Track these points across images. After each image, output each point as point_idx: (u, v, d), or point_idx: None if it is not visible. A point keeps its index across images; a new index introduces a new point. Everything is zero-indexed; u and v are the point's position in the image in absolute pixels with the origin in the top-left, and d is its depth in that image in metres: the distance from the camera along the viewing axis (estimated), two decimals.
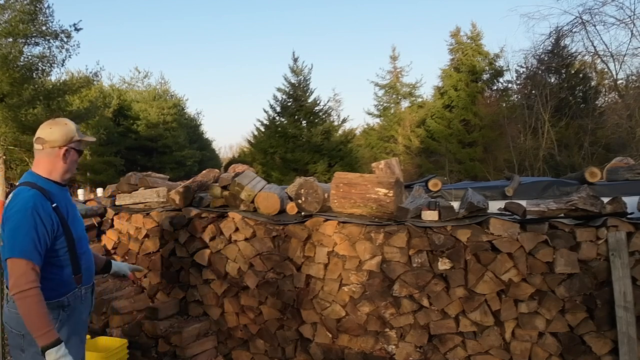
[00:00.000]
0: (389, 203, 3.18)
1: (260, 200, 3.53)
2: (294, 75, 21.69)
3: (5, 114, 15.98)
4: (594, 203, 2.83)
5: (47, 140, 1.98)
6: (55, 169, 2.00)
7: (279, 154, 20.87)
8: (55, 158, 1.99)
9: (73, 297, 2.00)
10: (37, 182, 1.94)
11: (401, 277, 3.06)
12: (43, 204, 1.87)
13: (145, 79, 32.52)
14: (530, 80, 21.15)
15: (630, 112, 15.26)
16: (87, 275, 2.08)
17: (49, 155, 1.98)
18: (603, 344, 2.74)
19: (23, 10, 16.42)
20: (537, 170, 18.21)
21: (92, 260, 2.17)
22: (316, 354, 3.30)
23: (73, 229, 1.99)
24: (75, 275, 2.00)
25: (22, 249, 1.79)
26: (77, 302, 2.02)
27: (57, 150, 1.99)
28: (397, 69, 29.45)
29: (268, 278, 3.45)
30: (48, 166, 1.99)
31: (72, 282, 1.99)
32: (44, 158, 1.99)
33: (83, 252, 2.05)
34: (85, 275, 2.06)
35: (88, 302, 2.12)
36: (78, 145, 2.06)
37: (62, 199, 2.01)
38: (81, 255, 2.03)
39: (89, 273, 2.10)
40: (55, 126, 2.00)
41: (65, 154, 2.01)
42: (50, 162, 1.99)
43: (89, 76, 20.09)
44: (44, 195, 1.90)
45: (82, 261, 2.03)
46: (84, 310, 2.10)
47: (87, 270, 2.08)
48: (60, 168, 2.01)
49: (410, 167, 24.17)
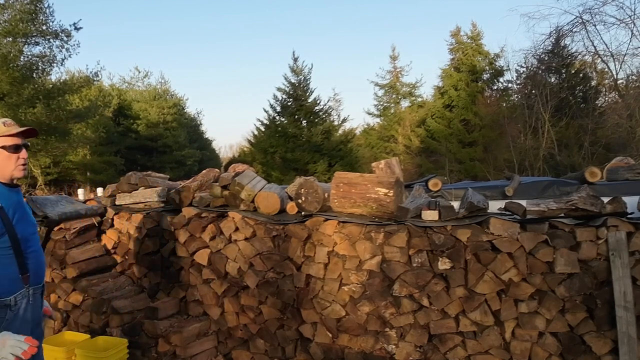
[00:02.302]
0: (389, 203, 3.18)
1: (260, 199, 3.53)
2: (294, 75, 21.67)
3: (5, 113, 15.96)
4: (594, 203, 2.83)
5: None
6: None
7: (279, 154, 20.86)
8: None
9: (21, 297, 2.00)
10: None
11: (401, 276, 3.06)
12: None
13: (145, 79, 32.53)
14: (530, 80, 21.14)
15: (631, 112, 15.25)
16: (36, 276, 2.07)
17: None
18: (603, 343, 2.74)
19: (23, 10, 16.43)
20: (537, 170, 18.20)
21: (42, 262, 2.17)
22: (316, 353, 3.31)
23: (19, 229, 2.00)
24: (22, 275, 2.00)
25: None
26: (26, 302, 2.02)
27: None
28: (397, 69, 29.45)
29: (268, 278, 3.45)
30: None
31: (19, 281, 2.00)
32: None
33: (30, 252, 2.04)
34: (34, 275, 2.06)
35: (38, 303, 2.12)
36: (3, 144, 2.03)
37: (11, 200, 2.03)
38: (28, 255, 2.03)
39: (37, 274, 2.09)
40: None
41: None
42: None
43: (89, 76, 20.09)
44: None
45: (29, 261, 2.03)
46: (33, 311, 2.08)
47: (36, 270, 2.08)
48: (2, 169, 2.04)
49: (410, 167, 24.16)
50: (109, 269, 4.21)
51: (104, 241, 4.31)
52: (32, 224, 2.16)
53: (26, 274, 2.01)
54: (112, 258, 4.25)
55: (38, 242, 2.16)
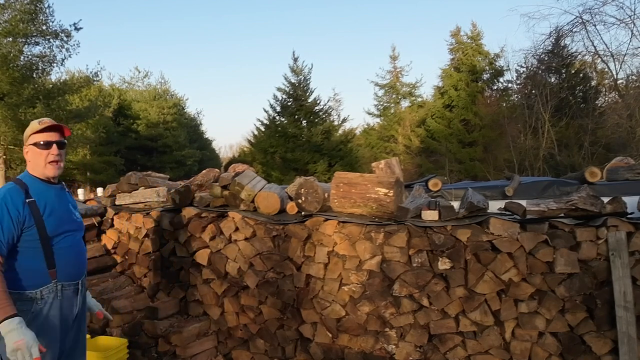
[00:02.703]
0: (389, 203, 3.18)
1: (260, 199, 3.53)
2: (294, 75, 21.70)
3: (5, 113, 15.98)
4: (594, 203, 2.83)
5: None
6: (31, 167, 2.11)
7: (279, 154, 20.87)
8: (26, 157, 2.14)
9: (48, 292, 2.01)
10: (22, 178, 2.09)
11: (401, 276, 3.06)
12: (14, 196, 1.99)
13: (145, 79, 32.56)
14: (530, 80, 21.15)
15: (631, 111, 15.26)
16: (67, 272, 2.07)
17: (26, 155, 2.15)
18: (603, 343, 2.74)
19: (23, 10, 16.43)
20: (537, 170, 18.20)
21: (79, 260, 2.17)
22: (316, 353, 3.31)
23: (49, 224, 2.02)
24: (50, 270, 2.01)
25: None
26: (53, 297, 2.02)
27: (24, 149, 2.15)
28: (397, 69, 29.46)
29: (268, 278, 3.45)
30: (29, 164, 2.13)
31: (47, 275, 2.00)
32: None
33: (61, 248, 2.05)
34: (63, 272, 2.05)
35: (70, 300, 2.10)
36: (34, 141, 2.08)
37: (45, 195, 2.06)
38: (57, 251, 2.04)
39: (69, 270, 2.08)
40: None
41: (27, 152, 2.12)
42: (28, 160, 2.14)
43: (89, 76, 20.11)
44: (20, 189, 2.02)
45: (57, 256, 2.03)
46: (63, 307, 2.07)
47: (66, 267, 2.07)
48: (32, 165, 2.10)
49: (410, 167, 24.16)
50: (109, 269, 4.21)
51: (104, 241, 4.31)
52: (71, 221, 2.15)
53: (53, 268, 2.01)
54: (112, 258, 4.25)
55: (76, 241, 2.16)
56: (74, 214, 2.21)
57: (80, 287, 2.17)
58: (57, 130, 2.12)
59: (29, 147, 2.10)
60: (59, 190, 2.16)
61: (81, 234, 2.23)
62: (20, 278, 1.98)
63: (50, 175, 2.09)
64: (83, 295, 2.22)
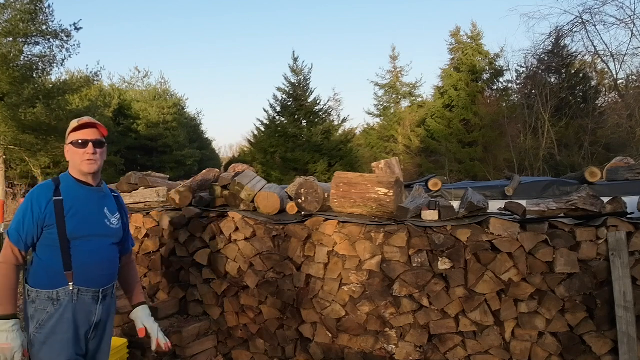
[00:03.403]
0: (389, 203, 3.18)
1: (260, 199, 3.53)
2: (294, 75, 21.68)
3: (5, 113, 15.97)
4: (594, 203, 2.83)
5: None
6: (70, 166, 2.09)
7: (279, 154, 20.86)
8: (66, 156, 2.11)
9: (64, 294, 1.96)
10: (60, 176, 2.09)
11: (401, 276, 3.06)
12: (41, 193, 1.98)
13: (145, 79, 32.55)
14: (530, 80, 21.15)
15: (631, 112, 15.26)
16: (85, 277, 1.99)
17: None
18: (603, 343, 2.74)
19: (23, 10, 16.42)
20: (537, 170, 18.20)
21: (104, 266, 2.07)
22: (316, 353, 3.30)
23: (71, 225, 1.96)
24: (66, 272, 1.95)
25: (10, 228, 1.97)
26: (69, 301, 1.96)
27: (65, 149, 2.13)
28: (397, 69, 29.47)
29: (268, 278, 3.45)
30: (69, 163, 2.10)
31: (63, 277, 1.96)
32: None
33: (81, 251, 1.98)
34: (81, 275, 1.98)
35: (87, 307, 2.01)
36: (72, 139, 2.06)
37: (75, 195, 2.02)
38: (77, 253, 1.97)
39: (88, 275, 2.00)
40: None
41: (67, 151, 2.10)
42: (67, 159, 2.11)
43: (89, 76, 20.09)
44: (53, 186, 2.01)
45: (75, 259, 1.97)
46: (77, 312, 1.98)
47: (85, 271, 1.99)
48: (71, 164, 2.08)
49: (410, 167, 24.16)
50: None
51: None
52: (100, 226, 2.07)
53: (69, 271, 1.96)
54: None
55: (103, 247, 2.07)
56: (108, 219, 2.11)
57: (101, 295, 2.05)
58: (95, 129, 2.09)
59: (68, 146, 2.07)
60: (94, 193, 2.09)
61: (111, 240, 2.12)
62: (40, 276, 1.97)
63: (85, 170, 2.04)
64: (107, 305, 2.11)
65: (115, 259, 2.16)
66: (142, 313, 2.29)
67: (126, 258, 2.35)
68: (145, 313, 2.29)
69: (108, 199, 2.17)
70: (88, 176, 2.06)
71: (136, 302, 2.32)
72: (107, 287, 2.10)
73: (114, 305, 2.21)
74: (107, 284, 2.09)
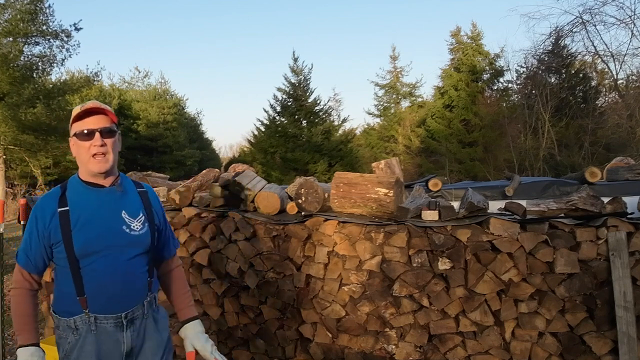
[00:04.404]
0: (389, 203, 3.17)
1: (260, 199, 3.53)
2: (294, 75, 21.68)
3: (5, 113, 15.99)
4: (594, 203, 2.83)
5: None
6: (78, 164, 1.72)
7: (279, 154, 20.86)
8: (72, 152, 1.74)
9: (81, 323, 1.65)
10: (68, 180, 1.75)
11: (401, 276, 3.06)
12: (45, 205, 1.67)
13: (145, 79, 32.62)
14: (530, 80, 21.15)
15: (631, 112, 15.26)
16: (101, 303, 1.64)
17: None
18: (603, 343, 2.74)
19: (23, 10, 16.44)
20: (537, 170, 18.20)
21: (124, 286, 1.68)
22: (316, 353, 3.30)
23: (77, 241, 1.61)
24: (79, 297, 1.63)
25: (19, 248, 1.72)
26: (87, 330, 1.64)
27: (70, 143, 1.74)
28: (397, 69, 29.49)
29: (268, 278, 3.45)
30: (77, 161, 1.71)
31: (78, 304, 1.64)
32: None
33: (94, 270, 1.63)
34: (96, 301, 1.64)
35: (110, 336, 1.66)
36: (75, 131, 1.68)
37: (83, 203, 1.67)
38: (88, 274, 1.63)
39: (103, 300, 1.65)
40: None
41: (71, 145, 1.72)
42: (74, 156, 1.73)
43: (89, 76, 20.12)
44: (58, 195, 1.69)
45: (87, 281, 1.62)
46: (100, 342, 1.65)
47: (100, 295, 1.64)
48: (78, 162, 1.72)
49: (411, 167, 24.17)
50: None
51: None
52: (115, 234, 1.67)
53: (83, 296, 1.63)
54: None
55: (120, 262, 1.67)
56: (127, 225, 1.70)
57: (124, 321, 1.68)
58: (103, 115, 1.68)
59: (72, 139, 1.69)
60: (108, 195, 1.70)
61: (134, 251, 1.71)
62: (58, 301, 1.71)
63: (94, 170, 1.65)
64: (140, 328, 1.74)
65: (140, 273, 1.75)
66: (192, 331, 1.87)
67: (167, 264, 1.97)
68: (195, 331, 1.87)
69: (128, 198, 1.76)
70: (98, 176, 1.69)
71: (185, 317, 1.92)
72: (134, 309, 1.71)
73: (154, 325, 1.80)
74: (132, 305, 1.70)
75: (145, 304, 1.76)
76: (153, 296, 1.82)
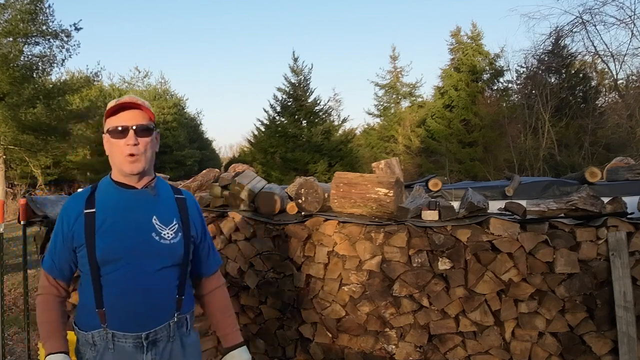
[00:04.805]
0: (389, 203, 3.17)
1: (260, 199, 3.53)
2: (294, 75, 21.71)
3: (5, 113, 16.01)
4: (594, 203, 2.83)
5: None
6: (111, 163, 1.58)
7: (279, 154, 20.88)
8: (106, 149, 1.59)
9: (99, 338, 1.48)
10: (100, 180, 1.62)
11: (401, 276, 3.06)
12: (71, 205, 1.55)
13: (145, 79, 32.67)
14: (530, 80, 21.16)
15: (631, 112, 15.27)
16: (119, 318, 1.47)
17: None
18: (603, 343, 2.74)
19: (23, 10, 16.46)
20: (537, 170, 18.21)
21: (147, 302, 1.49)
22: (316, 353, 3.31)
23: (100, 245, 1.46)
24: (98, 309, 1.47)
25: (47, 251, 1.60)
26: (105, 348, 1.48)
27: (104, 139, 1.58)
28: (397, 69, 29.52)
29: (268, 278, 3.45)
30: (110, 160, 1.57)
31: (96, 317, 1.48)
32: None
33: (114, 280, 1.47)
34: (114, 315, 1.47)
35: (130, 357, 1.48)
36: (108, 127, 1.54)
37: (111, 205, 1.52)
38: (108, 284, 1.47)
39: (122, 315, 1.47)
40: None
41: (105, 142, 1.58)
42: (107, 154, 1.58)
43: (89, 76, 20.16)
44: (86, 195, 1.56)
45: (106, 291, 1.46)
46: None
47: (118, 309, 1.47)
48: (111, 161, 1.57)
49: (411, 167, 24.18)
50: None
51: None
52: (143, 243, 1.49)
53: (101, 308, 1.47)
54: None
55: (145, 274, 1.48)
56: (157, 232, 1.52)
57: (145, 342, 1.48)
58: (139, 110, 1.53)
59: (105, 136, 1.56)
60: (139, 197, 1.54)
61: (162, 262, 1.51)
62: (78, 312, 1.58)
63: (126, 171, 1.50)
64: (165, 352, 1.53)
65: (168, 288, 1.54)
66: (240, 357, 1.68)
67: (207, 283, 1.78)
68: (242, 359, 1.69)
69: (162, 203, 1.58)
70: (131, 177, 1.54)
71: (229, 343, 1.73)
72: (158, 329, 1.51)
73: (181, 350, 1.58)
74: (155, 325, 1.50)
75: (172, 325, 1.55)
76: (184, 317, 1.62)
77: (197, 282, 1.77)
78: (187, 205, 1.64)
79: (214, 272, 1.80)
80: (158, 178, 1.64)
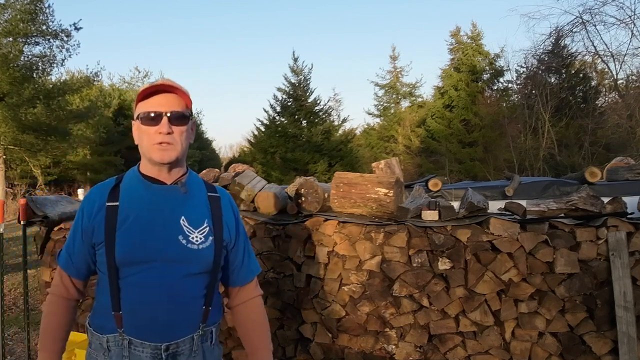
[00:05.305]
0: (389, 203, 3.17)
1: (260, 199, 3.53)
2: (294, 75, 21.71)
3: (5, 113, 16.01)
4: (594, 203, 2.83)
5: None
6: (141, 153, 1.41)
7: (279, 154, 20.87)
8: (134, 137, 1.43)
9: (114, 344, 1.35)
10: (127, 171, 1.47)
11: (401, 276, 3.06)
12: (94, 196, 1.40)
13: (146, 79, 32.65)
14: (530, 80, 21.17)
15: (631, 112, 15.27)
16: (136, 324, 1.34)
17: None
18: (603, 343, 2.74)
19: (23, 10, 16.47)
20: (537, 170, 18.22)
21: (169, 310, 1.34)
22: (316, 353, 3.31)
23: (120, 244, 1.32)
24: (114, 312, 1.34)
25: (63, 247, 1.48)
26: (119, 354, 1.34)
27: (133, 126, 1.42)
28: (397, 69, 29.52)
29: (268, 278, 3.45)
30: (139, 149, 1.41)
31: (112, 320, 1.35)
32: None
33: (134, 283, 1.33)
34: (132, 320, 1.33)
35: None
36: (138, 112, 1.37)
37: (136, 199, 1.37)
38: (127, 287, 1.33)
39: (140, 322, 1.34)
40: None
41: (134, 130, 1.41)
42: (136, 142, 1.42)
43: (89, 76, 20.17)
44: (111, 186, 1.42)
45: (124, 294, 1.33)
46: None
47: (136, 315, 1.34)
48: (140, 150, 1.40)
49: (411, 167, 24.18)
50: None
51: None
52: (168, 244, 1.35)
53: (118, 312, 1.33)
54: None
55: (169, 280, 1.34)
56: (185, 235, 1.36)
57: (164, 354, 1.34)
58: (174, 95, 1.35)
59: (135, 123, 1.39)
60: (167, 193, 1.39)
61: (189, 269, 1.36)
62: (94, 313, 1.44)
63: (155, 159, 1.34)
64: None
65: (194, 298, 1.39)
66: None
67: (241, 293, 1.58)
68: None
69: (192, 202, 1.42)
70: (161, 168, 1.37)
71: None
72: (180, 342, 1.36)
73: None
74: (176, 336, 1.36)
75: (196, 338, 1.39)
76: (209, 330, 1.45)
77: (229, 291, 1.59)
78: (221, 205, 1.47)
79: (250, 281, 1.59)
80: (190, 172, 1.47)
